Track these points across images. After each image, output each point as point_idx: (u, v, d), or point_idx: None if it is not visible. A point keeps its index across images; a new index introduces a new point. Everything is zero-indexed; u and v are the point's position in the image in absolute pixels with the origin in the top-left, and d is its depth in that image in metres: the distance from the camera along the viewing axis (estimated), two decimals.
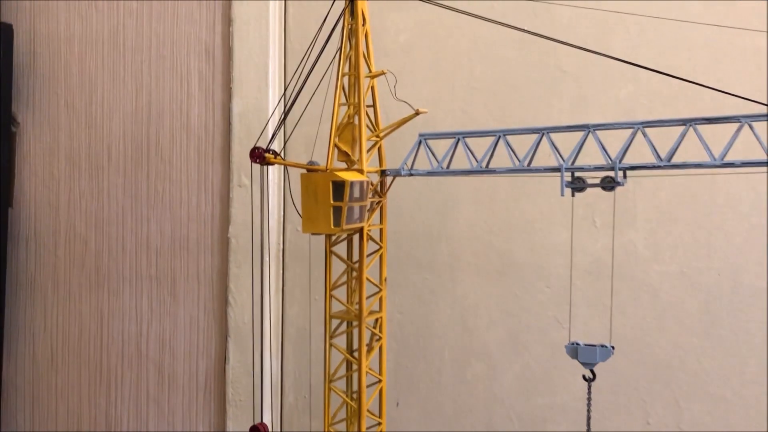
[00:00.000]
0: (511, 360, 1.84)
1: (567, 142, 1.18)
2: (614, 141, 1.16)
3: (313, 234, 1.24)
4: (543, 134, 1.09)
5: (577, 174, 1.09)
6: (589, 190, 1.26)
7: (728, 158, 0.97)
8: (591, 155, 1.17)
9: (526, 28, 1.38)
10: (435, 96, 1.88)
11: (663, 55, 1.69)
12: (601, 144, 1.07)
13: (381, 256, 1.33)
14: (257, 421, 1.39)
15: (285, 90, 1.68)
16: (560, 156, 1.09)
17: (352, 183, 1.19)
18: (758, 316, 1.64)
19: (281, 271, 2.03)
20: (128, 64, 2.15)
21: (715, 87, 1.16)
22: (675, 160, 1.02)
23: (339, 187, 1.18)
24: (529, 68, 1.79)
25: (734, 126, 1.03)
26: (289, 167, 1.44)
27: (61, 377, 2.27)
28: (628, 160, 1.10)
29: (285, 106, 1.39)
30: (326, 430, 1.28)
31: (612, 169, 1.05)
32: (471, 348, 1.87)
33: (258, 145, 1.31)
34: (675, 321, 1.71)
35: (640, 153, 1.15)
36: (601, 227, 1.75)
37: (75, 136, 2.22)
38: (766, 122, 0.98)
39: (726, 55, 1.64)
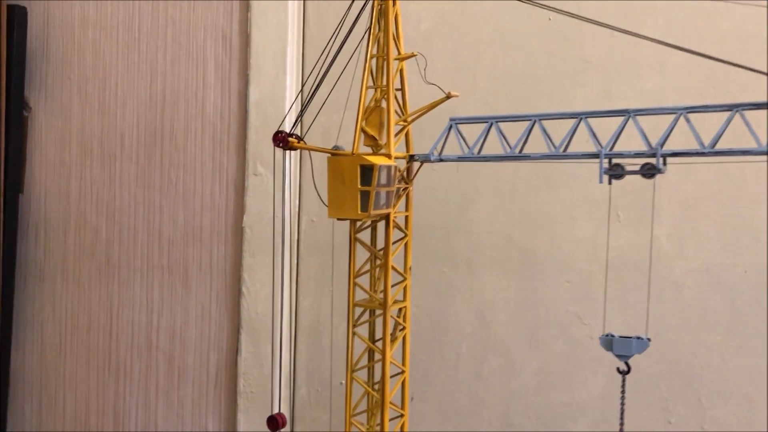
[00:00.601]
0: (530, 356, 1.81)
1: (602, 129, 1.15)
2: (650, 130, 1.13)
3: (338, 219, 1.20)
4: (581, 119, 1.06)
5: (615, 161, 1.05)
6: (611, 184, 1.23)
7: None
8: (626, 143, 1.14)
9: (551, 9, 1.35)
10: (456, 86, 1.83)
11: (691, 45, 1.65)
12: (642, 130, 1.04)
13: (406, 245, 1.30)
14: (275, 411, 1.36)
15: (308, 76, 1.65)
16: (598, 142, 1.05)
17: (380, 167, 1.15)
18: None
19: (296, 263, 1.99)
20: (143, 50, 2.12)
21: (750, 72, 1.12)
22: (718, 147, 0.99)
23: (367, 171, 1.15)
24: (552, 58, 1.76)
25: None
26: (311, 153, 1.41)
27: (70, 367, 2.24)
28: (667, 147, 1.07)
29: (307, 92, 1.36)
30: (348, 421, 1.25)
31: (653, 155, 1.01)
32: (488, 343, 1.84)
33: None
34: (698, 318, 1.67)
35: (672, 142, 1.12)
36: (625, 222, 1.71)
37: (87, 122, 2.19)
38: None
39: (759, 42, 1.60)
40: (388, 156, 1.22)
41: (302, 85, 1.88)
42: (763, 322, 1.62)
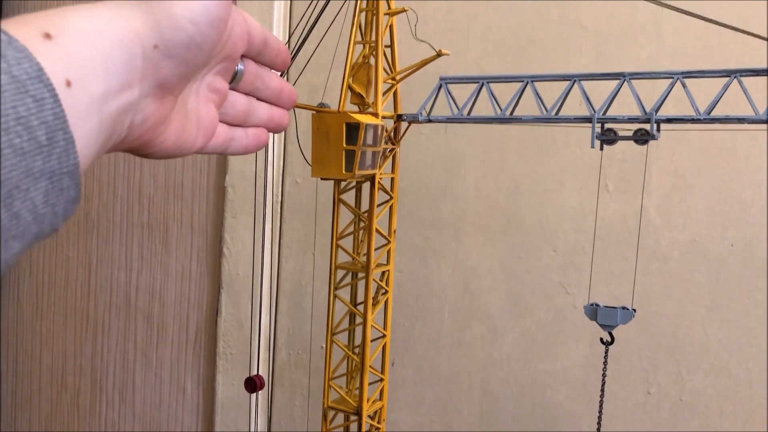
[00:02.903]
0: (512, 324, 1.79)
1: (595, 95, 1.12)
2: (644, 98, 1.10)
3: (322, 179, 1.17)
4: (574, 81, 1.02)
5: (607, 126, 1.02)
6: (599, 153, 1.20)
7: None
8: (619, 110, 1.11)
9: None
10: (448, 47, 1.79)
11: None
12: (637, 94, 1.01)
13: (391, 208, 1.27)
14: (253, 373, 1.34)
15: (294, 29, 1.60)
16: (591, 106, 1.02)
17: (366, 126, 1.12)
18: None
19: (279, 225, 1.96)
20: None
21: (751, 36, 1.09)
22: (714, 114, 0.96)
23: (353, 129, 1.11)
24: (547, 22, 1.71)
25: None
26: (297, 111, 1.37)
27: (46, 324, 2.20)
28: (661, 113, 1.04)
29: (293, 47, 1.31)
30: (327, 384, 1.23)
31: (647, 121, 0.98)
32: (471, 310, 1.82)
33: None
34: (683, 290, 1.66)
35: (665, 108, 1.09)
36: (614, 192, 1.69)
37: None
38: None
39: (758, 9, 1.57)
40: (375, 115, 1.18)
41: (288, 40, 1.83)
42: (747, 296, 1.61)
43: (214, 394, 2.00)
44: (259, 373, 1.35)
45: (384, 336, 1.27)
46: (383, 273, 1.26)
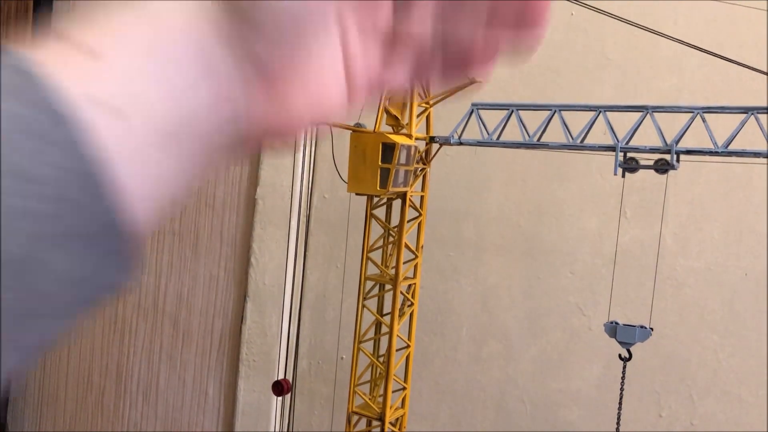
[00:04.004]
0: (529, 343, 1.85)
1: (617, 123, 1.18)
2: (664, 130, 1.16)
3: (356, 194, 1.24)
4: (600, 112, 1.09)
5: (630, 155, 1.08)
6: (618, 180, 1.26)
7: None
8: (640, 139, 1.17)
9: (575, 2, 1.37)
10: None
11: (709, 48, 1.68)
12: (659, 126, 1.07)
13: (420, 224, 1.33)
14: (280, 377, 1.40)
15: None
16: (615, 135, 1.09)
17: (401, 146, 1.19)
18: None
19: (305, 237, 2.03)
20: None
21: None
22: (731, 148, 1.02)
23: (389, 149, 1.18)
24: (573, 53, 1.78)
25: None
26: (332, 130, 1.44)
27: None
28: (681, 145, 1.10)
29: None
30: (352, 390, 1.29)
31: (668, 152, 1.05)
32: (489, 328, 1.88)
33: None
34: (697, 317, 1.71)
35: (684, 140, 1.15)
36: (632, 218, 1.75)
37: None
38: None
39: None
40: (409, 136, 1.25)
41: None
42: (761, 324, 1.65)
43: (235, 399, 2.06)
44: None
45: (408, 346, 1.33)
46: (410, 286, 1.33)
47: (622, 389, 1.15)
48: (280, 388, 1.37)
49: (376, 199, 1.30)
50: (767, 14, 1.60)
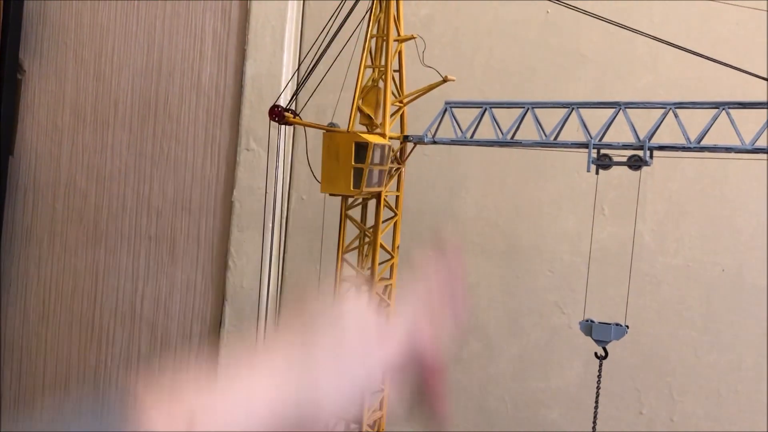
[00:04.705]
0: (509, 342, 1.84)
1: (592, 120, 1.18)
2: (638, 127, 1.16)
3: (330, 195, 1.22)
4: (573, 109, 1.08)
5: (603, 151, 1.08)
6: (596, 177, 1.26)
7: (759, 144, 0.97)
8: (614, 137, 1.17)
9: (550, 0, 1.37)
10: (452, 73, 1.86)
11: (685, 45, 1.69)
12: (631, 122, 1.07)
13: (395, 224, 1.32)
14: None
15: (306, 54, 1.66)
16: (588, 132, 1.08)
17: (375, 146, 1.17)
18: (758, 314, 1.65)
19: (284, 240, 2.01)
20: (141, 18, 2.12)
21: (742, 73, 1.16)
22: (704, 143, 1.01)
23: (362, 148, 1.17)
24: (549, 51, 1.78)
25: (764, 113, 1.02)
26: (306, 130, 1.43)
27: (52, 331, 2.25)
28: (655, 141, 1.10)
29: (304, 70, 1.37)
30: None
31: (640, 148, 1.04)
32: (469, 327, 1.87)
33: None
34: (675, 313, 1.71)
35: (659, 139, 1.15)
36: (610, 216, 1.75)
37: (82, 88, 2.19)
38: None
39: (751, 45, 1.64)
40: (383, 135, 1.24)
41: (299, 63, 1.89)
42: (737, 320, 1.66)
43: None
44: None
45: None
46: (386, 287, 1.31)
47: (598, 387, 1.15)
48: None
49: (350, 200, 1.29)
50: (741, 10, 1.61)
